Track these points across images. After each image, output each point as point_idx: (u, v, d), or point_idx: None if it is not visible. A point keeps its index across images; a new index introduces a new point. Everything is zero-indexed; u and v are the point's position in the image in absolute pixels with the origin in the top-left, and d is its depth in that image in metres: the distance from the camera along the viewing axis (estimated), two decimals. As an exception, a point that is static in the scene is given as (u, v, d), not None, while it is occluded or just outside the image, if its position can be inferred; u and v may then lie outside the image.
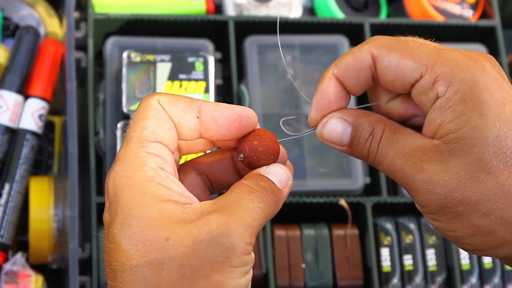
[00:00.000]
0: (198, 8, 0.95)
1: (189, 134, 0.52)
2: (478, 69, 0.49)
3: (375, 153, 0.52)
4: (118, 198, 0.48)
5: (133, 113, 0.52)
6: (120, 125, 0.86)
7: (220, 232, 0.47)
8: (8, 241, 0.85)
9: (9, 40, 0.93)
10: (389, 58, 0.51)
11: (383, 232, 0.89)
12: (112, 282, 0.48)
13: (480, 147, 0.47)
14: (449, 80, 0.49)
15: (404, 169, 0.50)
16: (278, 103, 0.92)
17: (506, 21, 1.05)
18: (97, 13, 0.91)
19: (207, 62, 0.89)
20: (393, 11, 1.02)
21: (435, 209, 0.49)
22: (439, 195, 0.48)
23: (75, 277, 0.79)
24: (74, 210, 0.81)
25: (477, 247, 0.49)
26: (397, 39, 0.52)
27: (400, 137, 0.51)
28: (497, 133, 0.47)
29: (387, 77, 0.51)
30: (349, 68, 0.52)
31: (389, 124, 0.52)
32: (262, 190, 0.50)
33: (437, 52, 0.50)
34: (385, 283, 0.88)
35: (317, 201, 0.88)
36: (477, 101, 0.48)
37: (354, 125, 0.52)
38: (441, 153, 0.49)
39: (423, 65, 0.50)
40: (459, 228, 0.49)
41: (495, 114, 0.47)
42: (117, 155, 0.50)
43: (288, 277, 0.86)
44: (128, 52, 0.88)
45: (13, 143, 0.87)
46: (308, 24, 0.95)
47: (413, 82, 0.50)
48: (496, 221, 0.47)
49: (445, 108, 0.49)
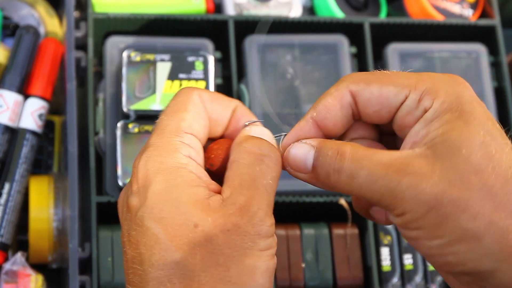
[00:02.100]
0: (198, 8, 0.95)
1: (220, 132, 0.54)
2: (460, 84, 0.49)
3: (343, 169, 0.49)
4: (150, 182, 0.49)
5: (170, 103, 0.52)
6: (120, 125, 0.86)
7: (245, 222, 0.48)
8: (8, 241, 0.85)
9: (9, 40, 0.93)
10: (370, 90, 0.50)
11: (383, 232, 0.89)
12: (139, 266, 0.48)
13: (468, 149, 0.47)
14: (434, 93, 0.49)
15: (386, 176, 0.47)
16: (278, 102, 0.92)
17: (506, 21, 1.05)
18: (97, 13, 0.91)
19: (207, 62, 0.88)
20: (393, 10, 1.02)
21: (422, 214, 0.47)
22: (429, 196, 0.47)
23: (75, 277, 0.79)
24: (74, 209, 0.81)
25: (461, 257, 0.47)
26: (372, 72, 0.52)
27: (373, 152, 0.49)
28: (482, 139, 0.47)
29: (371, 108, 0.51)
30: (328, 109, 0.52)
31: (355, 145, 0.50)
32: (267, 157, 0.50)
33: (416, 75, 0.51)
34: (385, 283, 0.88)
35: (317, 200, 0.88)
36: (463, 111, 0.48)
37: (317, 148, 0.51)
38: (427, 157, 0.47)
39: (405, 87, 0.50)
40: (445, 233, 0.47)
41: (479, 124, 0.48)
42: (149, 142, 0.51)
43: (288, 276, 0.86)
44: (128, 51, 0.88)
45: (13, 142, 0.87)
46: (308, 24, 0.95)
47: (399, 106, 0.50)
48: (484, 225, 0.46)
49: (432, 118, 0.48)
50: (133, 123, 0.86)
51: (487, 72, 0.98)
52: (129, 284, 0.50)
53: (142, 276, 0.48)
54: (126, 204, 0.50)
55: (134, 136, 0.85)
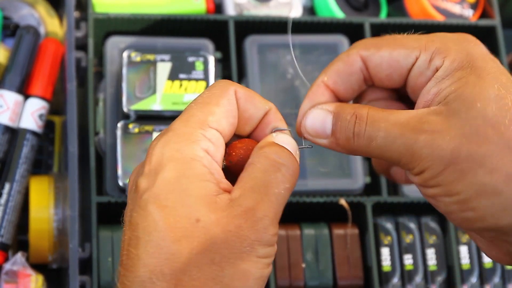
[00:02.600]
0: (198, 8, 0.95)
1: (248, 131, 0.53)
2: (470, 42, 0.49)
3: (362, 132, 0.49)
4: (162, 167, 0.48)
5: (204, 93, 0.51)
6: (120, 125, 0.86)
7: (248, 226, 0.47)
8: (8, 241, 0.85)
9: (9, 40, 0.93)
10: (380, 55, 0.50)
11: (383, 232, 0.89)
12: (134, 249, 0.48)
13: (483, 102, 0.46)
14: (444, 52, 0.48)
15: (403, 135, 0.47)
16: (278, 102, 0.92)
17: (506, 21, 1.05)
18: (97, 13, 0.91)
19: (207, 62, 0.89)
20: (393, 10, 1.02)
21: (440, 170, 0.46)
22: (446, 152, 0.46)
23: (75, 277, 0.79)
24: (74, 209, 0.81)
25: (480, 213, 0.46)
26: (382, 37, 0.52)
27: (390, 113, 0.49)
28: (497, 92, 0.46)
29: (382, 73, 0.51)
30: (339, 74, 0.52)
31: (372, 107, 0.50)
32: (284, 166, 0.50)
33: (425, 35, 0.50)
34: (385, 283, 0.88)
35: (317, 200, 0.88)
36: (474, 67, 0.47)
37: (335, 112, 0.51)
38: (442, 114, 0.47)
39: (415, 48, 0.49)
40: (464, 188, 0.46)
41: (493, 78, 0.47)
42: (172, 126, 0.50)
43: (288, 276, 0.86)
44: (128, 51, 0.88)
45: (13, 142, 0.87)
46: (308, 24, 0.95)
47: (410, 67, 0.50)
48: (502, 179, 0.45)
49: (443, 76, 0.48)
50: (133, 123, 0.86)
51: (487, 72, 0.98)
52: (121, 265, 0.49)
53: (134, 261, 0.47)
54: (135, 183, 0.50)
55: (134, 136, 0.85)
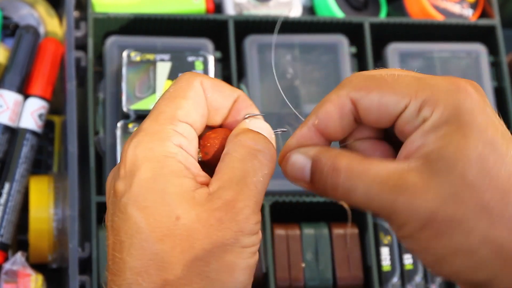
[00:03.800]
0: (198, 8, 0.95)
1: (219, 121, 0.52)
2: (461, 92, 0.48)
3: (340, 186, 0.49)
4: (137, 168, 0.48)
5: (170, 88, 0.51)
6: (120, 125, 0.86)
7: (229, 218, 0.47)
8: (8, 241, 0.85)
9: (9, 40, 0.93)
10: (369, 98, 0.50)
11: (383, 232, 0.89)
12: (118, 253, 0.47)
13: (464, 165, 0.46)
14: (433, 104, 0.48)
15: (381, 195, 0.48)
16: (278, 102, 0.92)
17: (506, 21, 1.05)
18: (97, 13, 0.91)
19: (207, 62, 0.89)
20: (393, 10, 1.02)
21: (417, 229, 0.47)
22: (423, 214, 0.46)
23: (75, 277, 0.79)
24: (74, 209, 0.81)
25: (456, 269, 0.47)
26: (373, 77, 0.51)
27: (369, 165, 0.49)
28: (480, 153, 0.46)
29: (371, 116, 0.50)
30: (330, 117, 0.51)
31: (352, 156, 0.50)
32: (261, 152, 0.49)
33: (417, 81, 0.50)
34: (385, 283, 0.88)
35: (317, 200, 0.88)
36: (461, 123, 0.47)
37: (314, 160, 0.50)
38: (422, 173, 0.47)
39: (405, 96, 0.49)
40: (440, 247, 0.47)
41: (478, 136, 0.47)
42: (142, 126, 0.50)
43: (288, 276, 0.86)
44: (128, 51, 0.88)
45: (13, 142, 0.87)
46: (308, 24, 0.95)
47: (398, 114, 0.49)
48: (478, 241, 0.46)
49: (429, 130, 0.48)
50: (133, 123, 0.86)
51: (487, 72, 0.98)
52: (107, 270, 0.49)
53: (120, 265, 0.47)
54: (113, 187, 0.49)
55: (134, 136, 0.85)
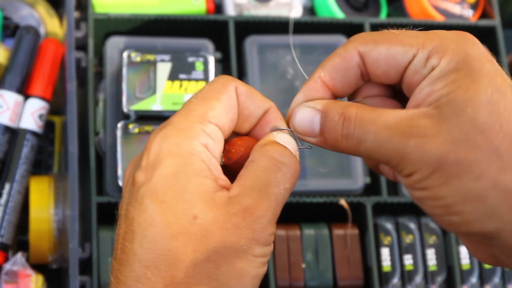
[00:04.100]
0: (198, 8, 0.95)
1: (247, 129, 0.53)
2: (469, 41, 0.49)
3: (351, 134, 0.49)
4: (160, 162, 0.48)
5: (204, 88, 0.51)
6: (121, 125, 0.86)
7: (245, 225, 0.47)
8: (8, 241, 0.85)
9: (9, 40, 0.93)
10: (377, 51, 0.50)
11: (383, 232, 0.89)
12: (129, 244, 0.47)
13: (474, 108, 0.46)
14: (441, 52, 0.48)
15: (392, 139, 0.47)
16: (278, 103, 0.92)
17: (506, 21, 1.05)
18: (97, 13, 0.91)
19: (207, 62, 0.89)
20: (393, 10, 1.02)
21: (427, 174, 0.46)
22: (434, 157, 0.46)
23: (75, 277, 0.79)
24: (74, 209, 0.81)
25: (465, 218, 0.47)
26: (381, 32, 0.51)
27: (379, 114, 0.48)
28: (489, 97, 0.46)
29: (379, 69, 0.50)
30: (337, 70, 0.51)
31: (362, 106, 0.50)
32: (285, 166, 0.49)
33: (424, 33, 0.50)
34: (385, 283, 0.88)
35: (317, 201, 0.88)
36: (470, 69, 0.47)
37: (323, 111, 0.50)
38: (432, 117, 0.47)
39: (413, 46, 0.49)
40: (450, 193, 0.46)
41: (487, 81, 0.47)
42: (171, 120, 0.50)
43: (288, 277, 0.86)
44: (128, 52, 0.88)
45: (13, 143, 0.87)
46: (308, 24, 0.95)
47: (407, 65, 0.49)
48: (488, 185, 0.45)
49: (437, 77, 0.48)
50: (133, 124, 0.86)
51: (487, 73, 0.98)
52: (115, 259, 0.49)
53: (129, 255, 0.47)
54: (132, 177, 0.49)
55: (134, 137, 0.85)
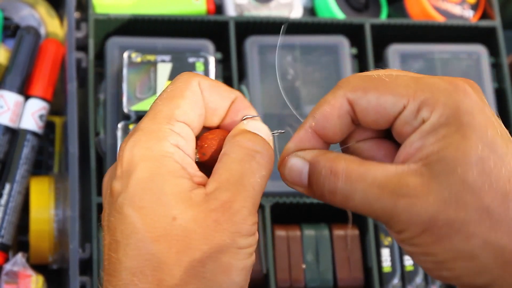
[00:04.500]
0: (198, 9, 0.95)
1: (216, 122, 0.52)
2: (460, 93, 0.48)
3: (338, 191, 0.49)
4: (134, 168, 0.48)
5: (168, 87, 0.51)
6: (121, 126, 0.86)
7: (226, 219, 0.47)
8: (9, 241, 0.85)
9: (10, 41, 0.93)
10: (367, 99, 0.49)
11: (383, 233, 0.89)
12: (114, 253, 0.47)
13: (464, 167, 0.46)
14: (432, 105, 0.48)
15: (381, 199, 0.47)
16: (278, 103, 0.92)
17: (507, 22, 1.05)
18: (98, 14, 0.91)
19: (207, 63, 0.89)
20: (394, 11, 1.02)
21: (417, 233, 0.47)
22: (424, 218, 0.46)
23: (76, 277, 0.79)
24: (74, 210, 0.81)
25: (456, 274, 0.47)
26: (370, 78, 0.50)
27: (368, 169, 0.48)
28: (480, 155, 0.46)
29: (368, 117, 0.50)
30: (327, 118, 0.50)
31: (350, 159, 0.49)
32: (259, 154, 0.49)
33: (415, 81, 0.49)
34: (385, 284, 0.88)
35: (317, 201, 0.88)
36: (460, 124, 0.47)
37: (311, 163, 0.50)
38: (422, 176, 0.46)
39: (403, 96, 0.48)
40: (440, 252, 0.47)
41: (478, 137, 0.46)
42: (139, 126, 0.50)
43: (288, 277, 0.86)
44: (128, 52, 0.88)
45: (13, 143, 0.87)
46: (309, 25, 0.95)
47: (397, 115, 0.49)
48: (479, 245, 0.46)
49: (428, 131, 0.47)
50: (133, 124, 0.86)
51: (488, 73, 0.98)
52: (103, 271, 0.49)
53: (116, 265, 0.47)
54: (109, 187, 0.49)
55: (134, 137, 0.85)
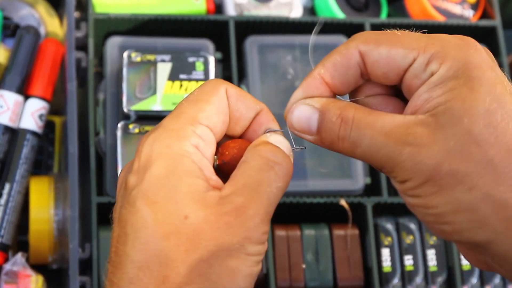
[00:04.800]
0: (198, 8, 0.95)
1: (239, 132, 0.52)
2: (471, 48, 0.48)
3: (347, 137, 0.49)
4: (151, 164, 0.48)
5: (195, 91, 0.51)
6: (121, 125, 0.86)
7: (238, 224, 0.47)
8: (8, 241, 0.85)
9: (9, 40, 0.93)
10: (378, 51, 0.49)
11: (383, 233, 0.89)
12: (122, 246, 0.48)
13: (471, 118, 0.46)
14: (442, 58, 0.48)
15: (387, 146, 0.47)
16: (279, 103, 0.92)
17: (507, 21, 1.04)
18: (98, 13, 0.91)
19: (207, 62, 0.88)
20: (394, 11, 1.02)
21: (420, 183, 0.47)
22: (427, 166, 0.46)
23: (75, 277, 0.79)
24: (74, 210, 0.81)
25: (456, 227, 0.47)
26: (383, 32, 0.50)
27: (376, 118, 0.48)
28: (487, 107, 0.46)
29: (379, 70, 0.50)
30: (337, 68, 0.51)
31: (360, 108, 0.50)
32: (278, 165, 0.49)
33: (426, 36, 0.49)
34: (385, 284, 0.88)
35: (317, 201, 0.88)
36: (469, 77, 0.47)
37: (321, 110, 0.50)
38: (428, 126, 0.47)
39: (414, 49, 0.49)
40: (441, 203, 0.46)
41: (486, 91, 0.46)
42: (162, 123, 0.50)
43: (288, 277, 0.86)
44: (128, 52, 0.88)
45: (13, 143, 0.87)
46: (309, 24, 0.95)
47: (407, 68, 0.49)
48: (480, 197, 0.45)
49: (436, 83, 0.47)
50: (133, 124, 0.86)
51: (488, 73, 0.97)
52: (109, 263, 0.49)
53: (122, 258, 0.47)
54: (125, 180, 0.50)
55: (134, 137, 0.85)
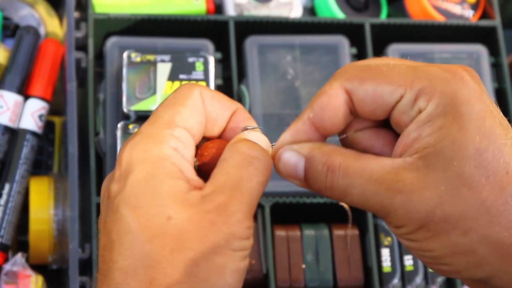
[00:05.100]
0: (198, 8, 0.95)
1: (217, 132, 0.53)
2: (458, 81, 0.47)
3: (335, 186, 0.48)
4: (131, 170, 0.48)
5: (169, 96, 0.51)
6: (121, 125, 0.86)
7: (221, 221, 0.47)
8: (8, 241, 0.85)
9: (9, 40, 0.93)
10: (364, 89, 0.49)
11: (383, 233, 0.89)
12: (108, 253, 0.48)
13: (461, 161, 0.45)
14: (429, 94, 0.47)
15: (378, 194, 0.47)
16: (279, 103, 0.92)
17: (507, 22, 1.04)
18: (97, 13, 0.91)
19: (207, 62, 0.88)
20: (394, 11, 1.02)
21: (414, 229, 0.46)
22: (420, 214, 0.46)
23: (75, 277, 0.79)
24: (74, 210, 0.81)
25: (454, 268, 0.47)
26: (367, 67, 0.49)
27: (365, 164, 0.48)
28: (477, 146, 0.45)
29: (366, 108, 0.49)
30: (324, 109, 0.50)
31: (346, 153, 0.49)
32: (257, 160, 0.49)
33: (412, 70, 0.48)
34: (385, 284, 0.88)
35: (317, 201, 0.88)
36: (458, 114, 0.46)
37: (307, 158, 0.50)
38: (418, 170, 0.46)
39: (401, 85, 0.48)
40: (437, 247, 0.46)
41: (475, 127, 0.46)
42: (140, 130, 0.50)
43: (288, 277, 0.86)
44: (128, 52, 0.88)
45: (13, 143, 0.87)
46: (309, 24, 0.95)
47: (394, 105, 0.48)
48: (476, 240, 0.45)
49: (425, 121, 0.47)
50: (133, 124, 0.86)
51: (488, 73, 0.98)
52: (98, 272, 0.49)
53: (109, 265, 0.47)
54: (107, 190, 0.50)
55: (134, 137, 0.85)
